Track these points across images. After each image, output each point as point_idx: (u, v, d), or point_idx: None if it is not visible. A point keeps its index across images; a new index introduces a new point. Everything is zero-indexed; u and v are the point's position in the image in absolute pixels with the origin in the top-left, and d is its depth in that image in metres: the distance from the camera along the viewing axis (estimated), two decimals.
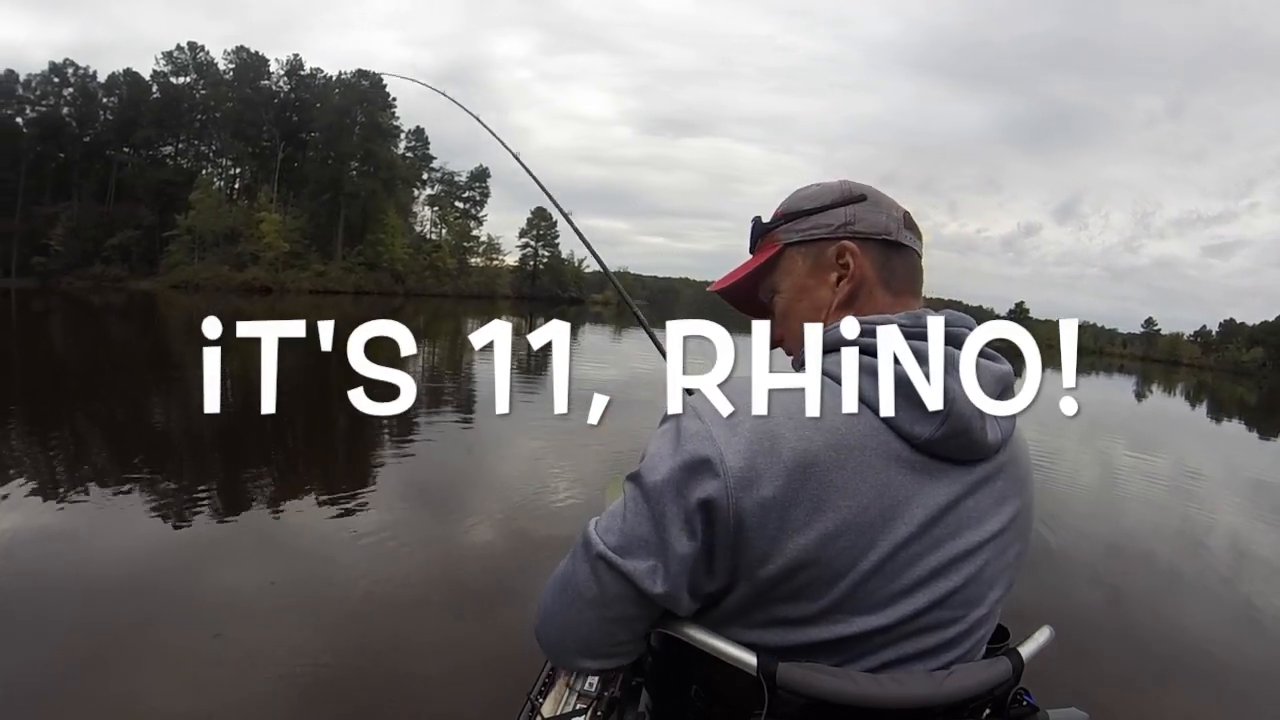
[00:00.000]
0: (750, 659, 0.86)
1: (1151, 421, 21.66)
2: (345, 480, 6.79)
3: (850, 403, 0.85)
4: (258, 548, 4.89)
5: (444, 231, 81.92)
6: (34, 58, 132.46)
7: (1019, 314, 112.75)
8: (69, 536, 4.75)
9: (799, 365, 0.92)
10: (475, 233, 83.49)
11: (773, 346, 1.03)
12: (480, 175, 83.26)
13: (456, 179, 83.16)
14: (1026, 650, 0.99)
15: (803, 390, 0.85)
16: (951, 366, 0.86)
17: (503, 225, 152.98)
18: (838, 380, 0.86)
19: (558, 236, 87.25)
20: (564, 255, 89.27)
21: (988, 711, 0.92)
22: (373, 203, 68.22)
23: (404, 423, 9.13)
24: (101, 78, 66.46)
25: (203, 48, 68.77)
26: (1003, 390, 0.92)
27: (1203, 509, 8.44)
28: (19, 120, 62.75)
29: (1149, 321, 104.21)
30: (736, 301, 1.16)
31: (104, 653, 3.29)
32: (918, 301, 1.02)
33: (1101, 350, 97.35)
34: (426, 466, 7.45)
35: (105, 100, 67.01)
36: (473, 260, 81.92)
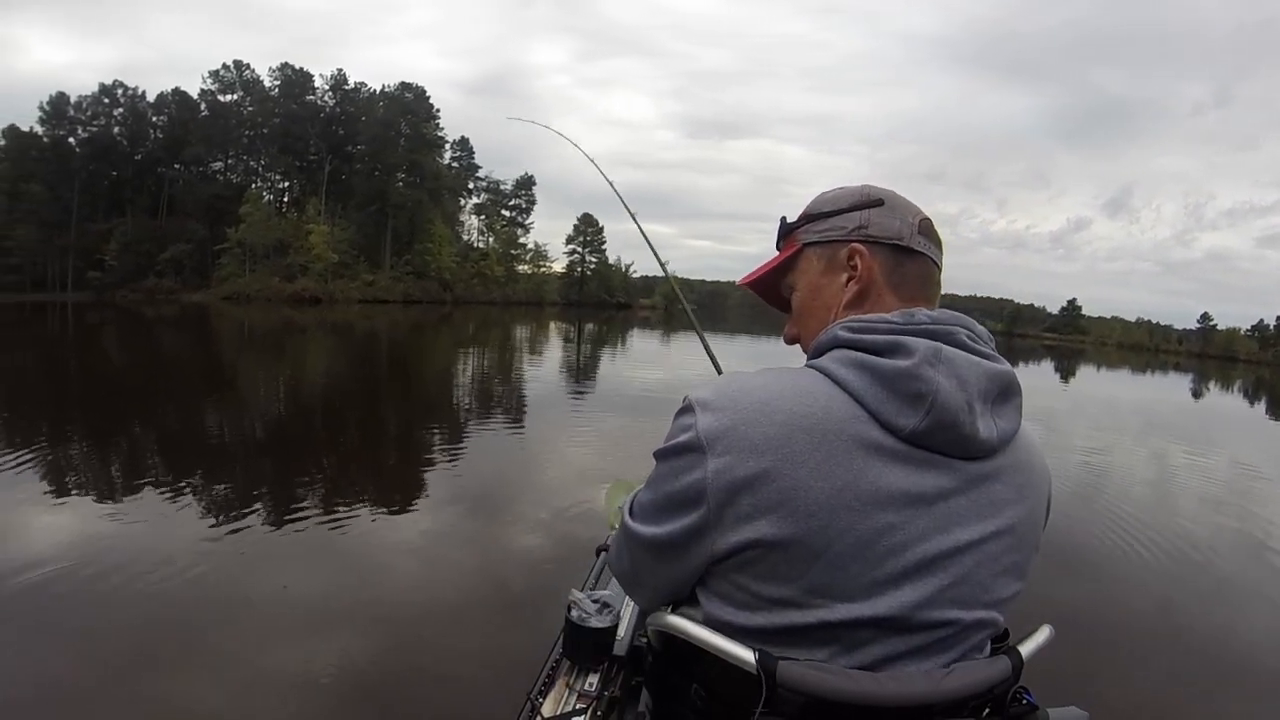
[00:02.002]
0: (749, 656, 0.86)
1: (1204, 418, 21.00)
2: (396, 481, 7.23)
3: (834, 394, 0.89)
4: (302, 551, 5.02)
5: (491, 239, 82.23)
6: (81, 79, 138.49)
7: (1071, 312, 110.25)
8: (122, 540, 4.92)
9: (810, 357, 1.00)
10: (522, 240, 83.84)
11: (790, 343, 1.13)
12: (526, 183, 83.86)
13: (502, 187, 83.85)
14: (1026, 649, 0.99)
15: (789, 383, 0.91)
16: (939, 360, 0.88)
17: (549, 232, 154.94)
18: (827, 374, 0.91)
19: (604, 243, 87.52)
20: (611, 261, 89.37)
21: (987, 710, 0.93)
22: (419, 212, 68.59)
23: (454, 427, 10.11)
24: (150, 97, 68.17)
25: (248, 65, 69.91)
26: (1002, 390, 0.94)
27: (1241, 508, 8.30)
28: (71, 140, 64.24)
29: (1204, 317, 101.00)
30: (765, 296, 1.22)
31: (150, 652, 3.46)
32: (929, 307, 1.01)
33: (1157, 348, 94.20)
34: (474, 470, 7.60)
35: (155, 119, 68.40)
36: (520, 267, 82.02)
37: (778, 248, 1.15)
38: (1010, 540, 0.94)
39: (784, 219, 1.13)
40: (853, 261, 1.02)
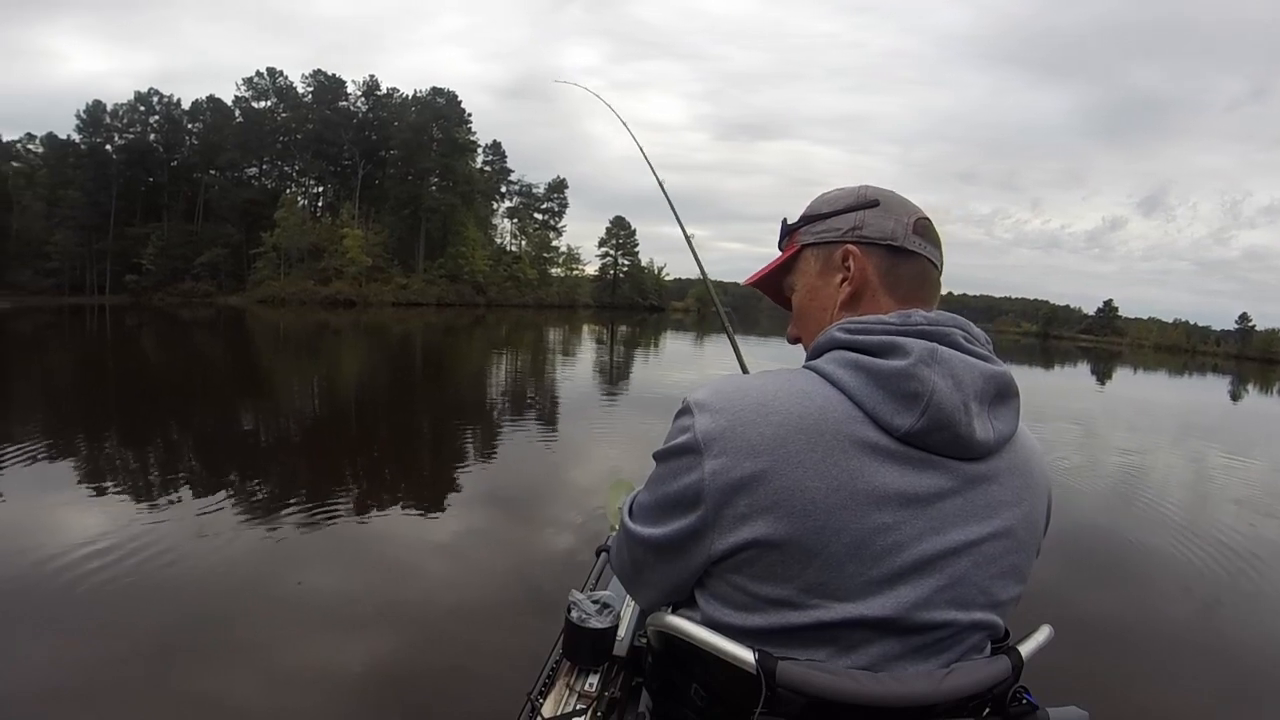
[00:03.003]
0: (749, 656, 0.86)
1: (1243, 421, 20.05)
2: (425, 481, 7.28)
3: (831, 394, 0.90)
4: (324, 547, 5.05)
5: (523, 243, 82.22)
6: (116, 87, 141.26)
7: (1107, 313, 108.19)
8: (158, 534, 4.98)
9: (808, 359, 1.01)
10: (555, 243, 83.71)
11: (792, 342, 1.14)
12: (558, 186, 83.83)
13: (534, 191, 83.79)
14: (1026, 649, 1.00)
15: (785, 383, 0.92)
16: (935, 360, 0.89)
17: (582, 235, 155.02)
18: (824, 375, 0.92)
19: (637, 245, 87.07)
20: (644, 263, 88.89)
21: (987, 710, 0.93)
22: (452, 216, 68.70)
23: (486, 428, 10.19)
24: (185, 105, 68.87)
25: (281, 73, 70.55)
26: (999, 391, 0.95)
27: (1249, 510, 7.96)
28: (108, 147, 65.04)
29: (1243, 317, 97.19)
30: (771, 295, 1.23)
31: (179, 643, 3.52)
32: (925, 307, 1.01)
33: (1194, 349, 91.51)
34: (504, 471, 7.69)
35: (190, 126, 69.12)
36: (553, 270, 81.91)
37: (780, 248, 1.16)
38: (1008, 542, 0.93)
39: (785, 220, 1.15)
40: (847, 263, 1.02)
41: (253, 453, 8.24)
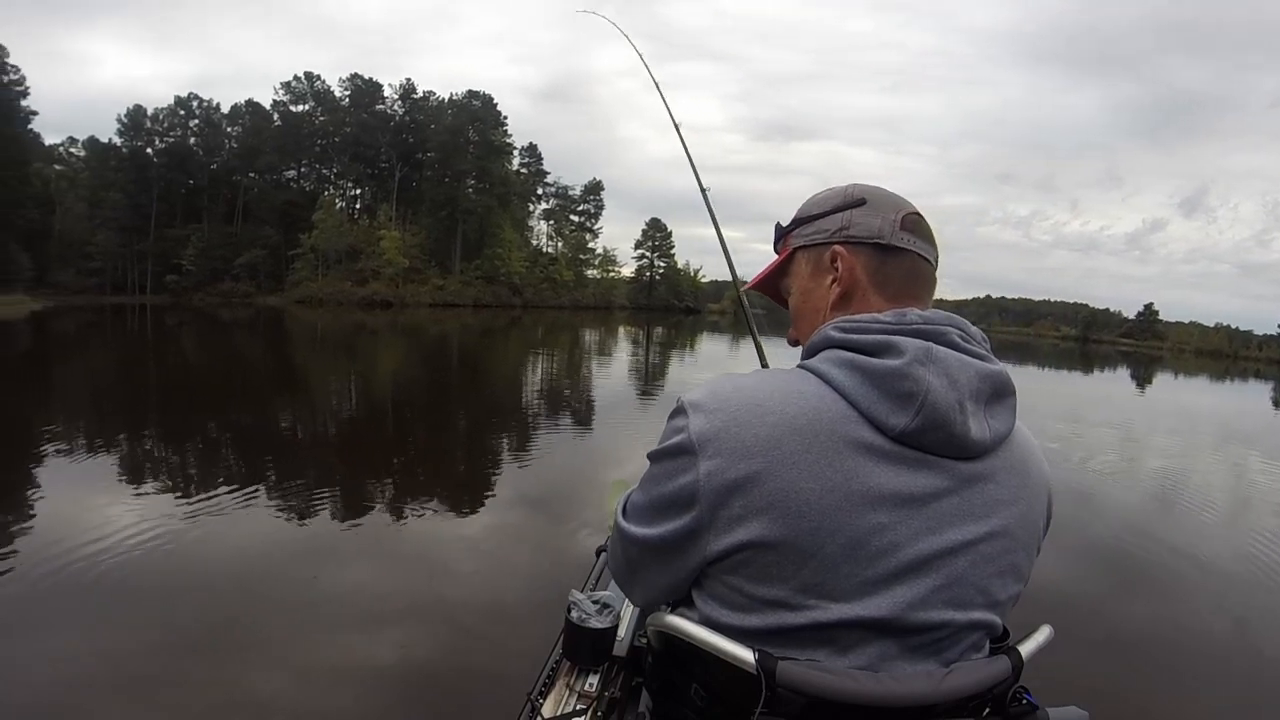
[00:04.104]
0: (749, 656, 0.86)
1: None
2: (458, 480, 7.26)
3: (825, 394, 0.89)
4: (366, 545, 5.09)
5: (560, 244, 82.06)
6: (155, 91, 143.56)
7: (1147, 316, 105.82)
8: (196, 528, 5.14)
9: (802, 358, 1.00)
10: (591, 245, 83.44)
11: (793, 344, 1.12)
12: (594, 188, 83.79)
13: (571, 193, 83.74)
14: (1026, 649, 0.99)
15: (780, 383, 0.91)
16: (930, 360, 0.88)
17: (618, 237, 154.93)
18: (819, 374, 0.91)
19: (673, 247, 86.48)
20: (679, 265, 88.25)
21: (987, 710, 0.93)
22: (489, 218, 68.61)
23: (521, 427, 10.20)
24: (224, 108, 69.71)
25: (319, 76, 71.16)
26: (995, 390, 0.94)
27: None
28: (149, 150, 65.83)
29: None
30: (773, 298, 1.24)
31: (212, 639, 3.58)
32: (919, 304, 1.01)
33: (1236, 354, 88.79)
34: (537, 470, 7.64)
35: (229, 129, 69.81)
36: (589, 272, 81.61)
37: (775, 250, 1.16)
38: (1006, 541, 0.93)
39: (779, 224, 1.15)
40: (835, 264, 1.02)
41: (287, 449, 8.46)
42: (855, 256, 1.01)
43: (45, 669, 3.24)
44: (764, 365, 2.05)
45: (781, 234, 1.13)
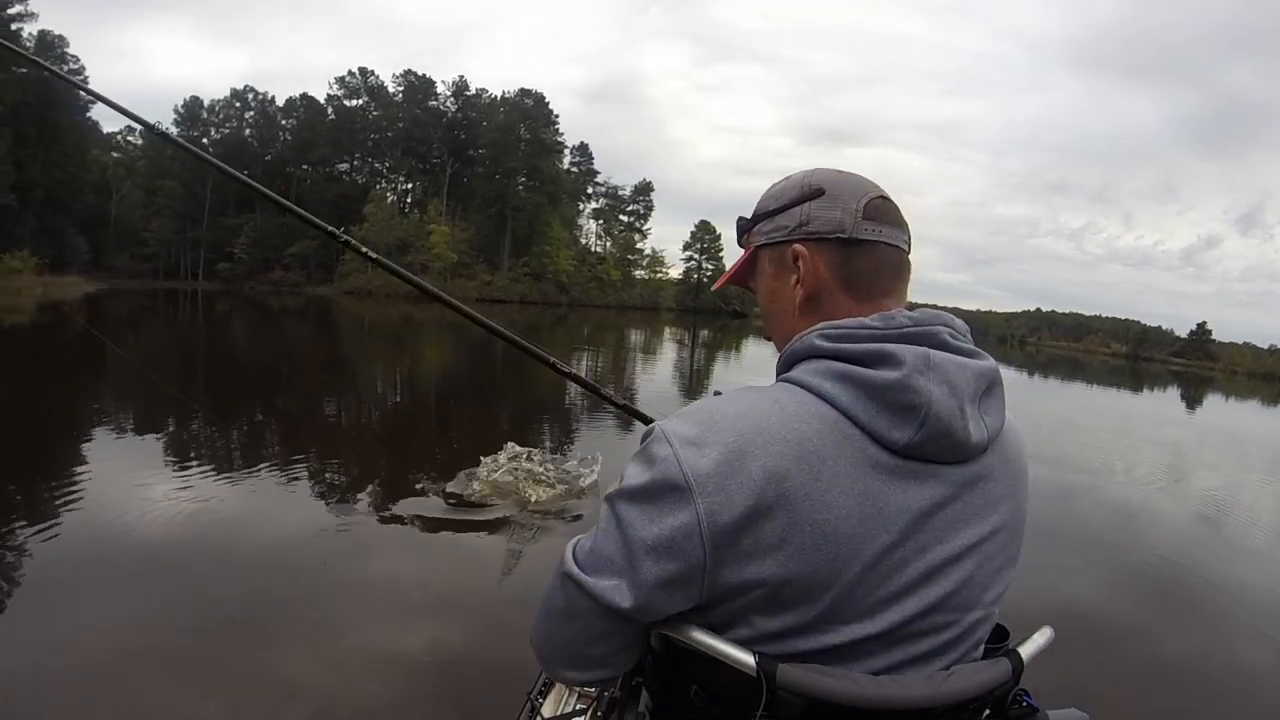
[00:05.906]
0: (749, 659, 0.84)
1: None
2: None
3: (824, 412, 0.84)
4: (367, 540, 5.00)
5: (608, 244, 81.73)
6: (211, 85, 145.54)
7: (1200, 335, 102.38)
8: (233, 516, 5.15)
9: (782, 366, 0.95)
10: (639, 245, 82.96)
11: (768, 339, 1.07)
12: (644, 189, 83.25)
13: (620, 193, 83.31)
14: (1026, 651, 0.99)
15: (773, 405, 0.84)
16: (929, 368, 0.84)
17: (666, 238, 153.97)
18: (812, 390, 0.86)
19: (721, 250, 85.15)
20: (727, 269, 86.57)
21: (988, 712, 0.93)
22: (538, 215, 68.46)
23: (563, 424, 10.38)
24: (279, 102, 70.58)
25: (373, 72, 71.76)
26: (987, 387, 0.91)
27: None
28: (205, 141, 66.47)
29: None
30: (752, 291, 1.14)
31: (243, 620, 3.62)
32: (893, 301, 0.95)
33: None
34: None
35: (284, 122, 70.66)
36: (636, 272, 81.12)
37: (740, 245, 1.08)
38: (1006, 535, 0.93)
39: (741, 218, 1.08)
40: (798, 263, 0.95)
41: (333, 436, 8.56)
42: (818, 255, 0.93)
43: (92, 639, 3.30)
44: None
45: (742, 231, 1.05)
